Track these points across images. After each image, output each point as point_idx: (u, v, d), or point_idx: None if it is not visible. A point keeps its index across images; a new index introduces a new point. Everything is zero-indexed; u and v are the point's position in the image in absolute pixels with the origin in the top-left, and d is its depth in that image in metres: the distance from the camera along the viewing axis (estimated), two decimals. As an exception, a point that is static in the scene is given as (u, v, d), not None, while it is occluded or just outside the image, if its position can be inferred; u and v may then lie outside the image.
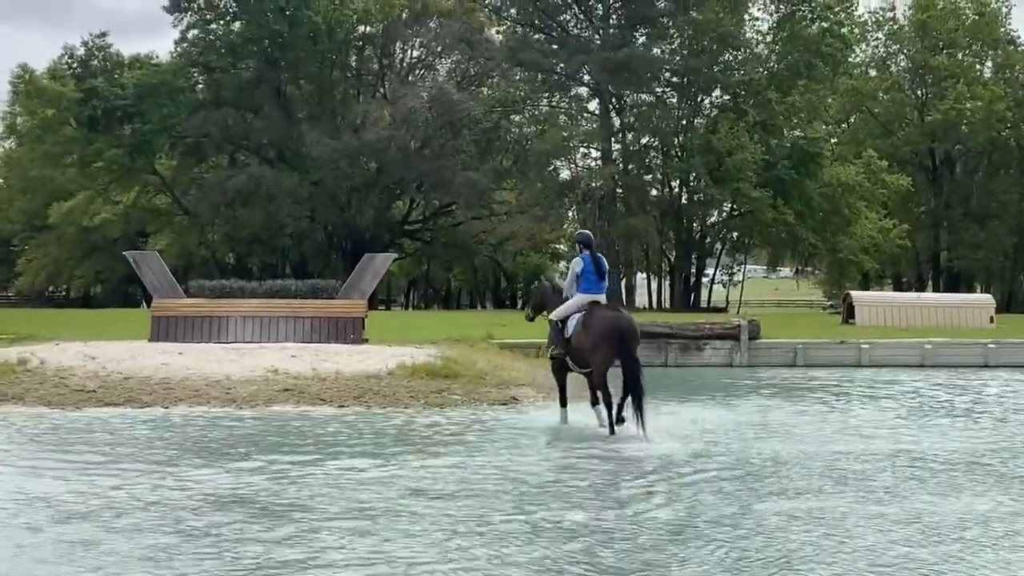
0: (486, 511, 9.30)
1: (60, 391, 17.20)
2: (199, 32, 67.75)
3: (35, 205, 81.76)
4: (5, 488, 10.29)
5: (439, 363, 18.84)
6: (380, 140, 62.49)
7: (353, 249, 61.25)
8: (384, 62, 72.37)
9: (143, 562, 7.58)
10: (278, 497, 9.91)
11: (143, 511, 9.29)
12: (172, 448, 12.82)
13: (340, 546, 8.08)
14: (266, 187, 63.26)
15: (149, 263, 25.13)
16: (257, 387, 17.13)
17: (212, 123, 65.28)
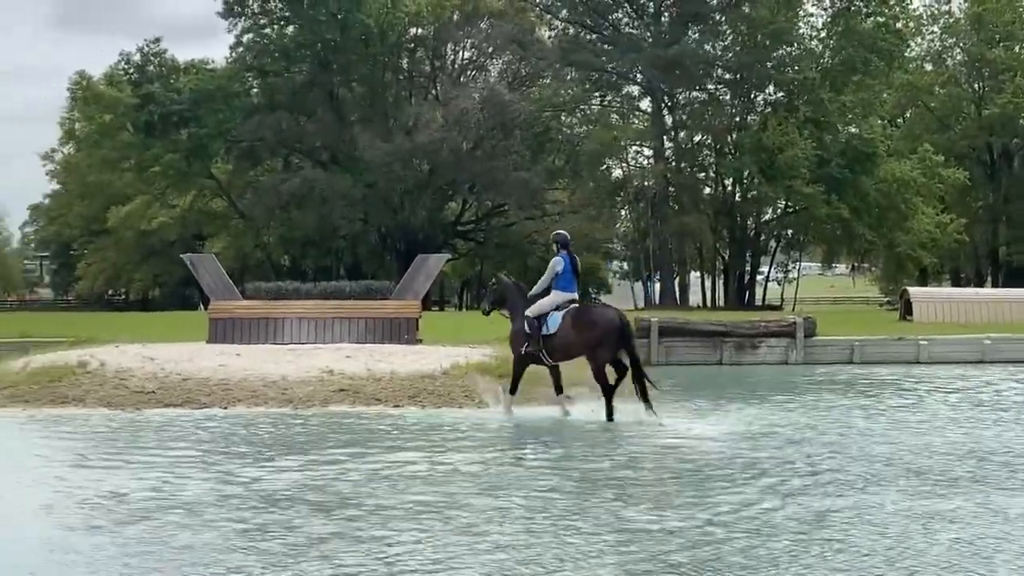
0: (566, 507, 9.31)
1: (120, 393, 17.42)
2: (253, 37, 68.32)
3: (94, 210, 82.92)
4: (77, 486, 10.46)
5: (493, 363, 18.87)
6: (432, 142, 62.67)
7: (406, 250, 61.49)
8: (436, 64, 72.59)
9: (212, 554, 7.70)
10: (336, 492, 10.02)
11: (213, 507, 9.43)
12: (233, 447, 12.98)
13: (416, 540, 8.16)
14: (320, 190, 63.67)
15: (206, 266, 25.39)
16: (313, 388, 17.28)
17: (266, 127, 65.81)
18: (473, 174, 65.79)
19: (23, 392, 17.68)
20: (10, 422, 15.77)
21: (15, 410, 16.79)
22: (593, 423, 15.10)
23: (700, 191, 67.27)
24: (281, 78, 67.81)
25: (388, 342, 22.66)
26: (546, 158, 69.27)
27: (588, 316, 15.75)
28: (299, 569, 7.39)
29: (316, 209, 64.02)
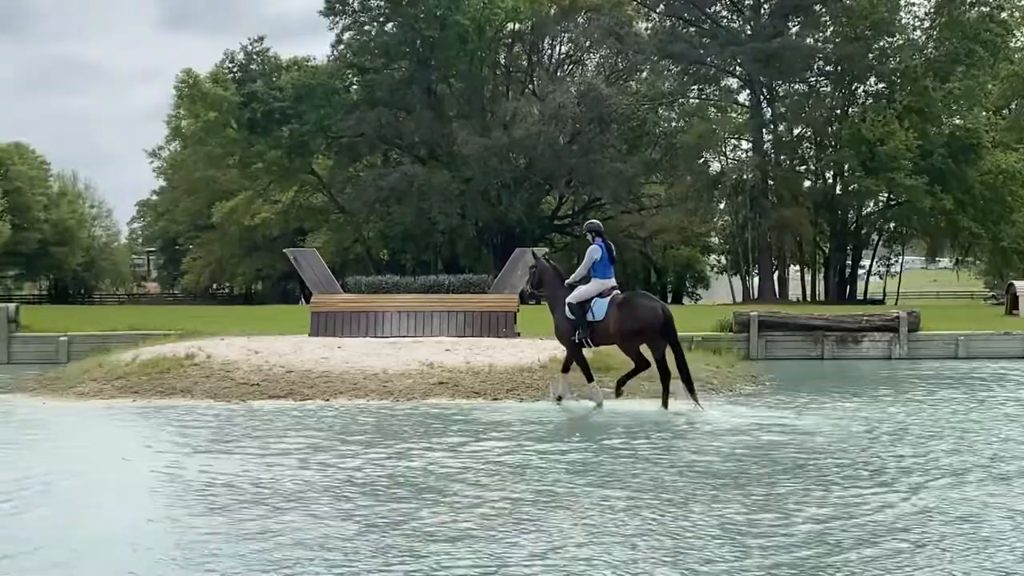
0: (673, 499, 9.34)
1: (226, 384, 17.76)
2: (354, 34, 69.15)
3: (199, 205, 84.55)
4: (189, 473, 10.73)
5: (592, 356, 18.90)
6: (529, 136, 62.82)
7: (503, 244, 61.73)
8: (533, 59, 72.74)
9: (331, 542, 7.87)
10: (441, 482, 10.12)
11: (322, 495, 9.59)
12: (336, 438, 13.16)
13: (528, 531, 8.22)
14: (418, 185, 64.20)
15: (308, 260, 25.81)
16: (413, 380, 17.49)
17: (366, 123, 66.53)
18: (570, 168, 65.82)
19: (133, 383, 18.13)
20: (121, 412, 16.22)
21: (126, 400, 17.25)
22: (686, 415, 15.10)
23: (800, 184, 66.57)
24: (381, 75, 68.47)
25: (486, 335, 22.85)
26: (643, 151, 69.03)
27: (631, 305, 16.05)
28: (432, 561, 7.48)
29: (414, 204, 64.56)
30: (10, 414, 16.05)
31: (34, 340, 28.81)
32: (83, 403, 17.24)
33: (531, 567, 7.18)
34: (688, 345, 26.07)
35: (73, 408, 16.78)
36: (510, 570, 7.12)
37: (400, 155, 72.14)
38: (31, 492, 9.80)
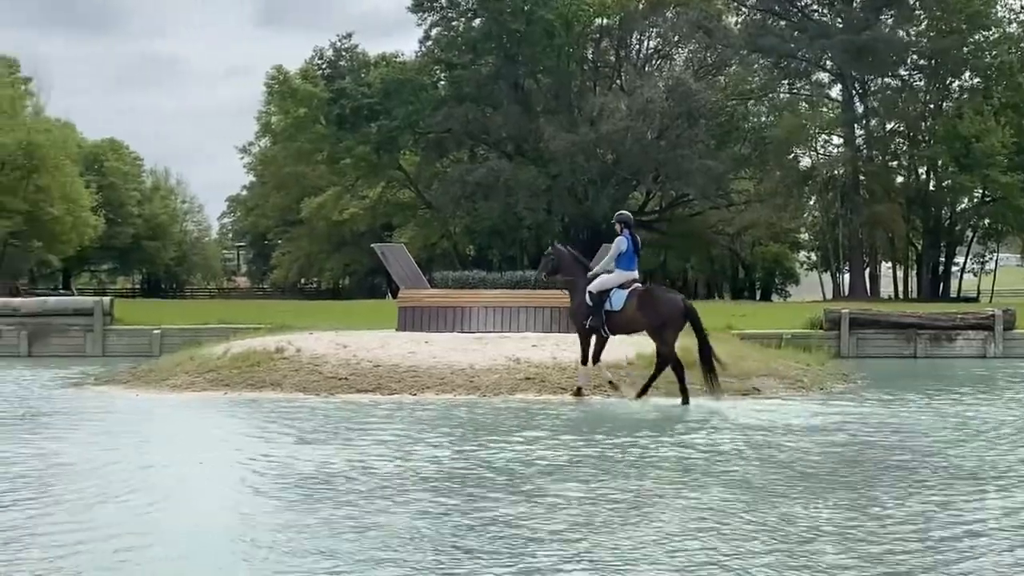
0: (763, 498, 9.20)
1: (314, 378, 17.91)
2: (442, 30, 69.46)
3: (288, 201, 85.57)
4: (287, 464, 10.82)
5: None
6: (617, 131, 62.61)
7: (590, 240, 61.57)
8: (621, 53, 72.46)
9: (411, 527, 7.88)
10: (530, 475, 10.11)
11: (409, 488, 9.60)
12: (425, 431, 13.19)
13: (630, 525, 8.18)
14: (505, 180, 64.30)
15: (396, 255, 25.92)
16: (500, 376, 17.48)
17: (454, 119, 66.81)
18: (657, 163, 65.48)
19: (224, 376, 18.36)
20: (213, 404, 16.45)
21: (217, 393, 17.48)
22: (766, 411, 14.92)
23: (892, 180, 65.59)
24: (468, 70, 68.68)
25: (573, 331, 22.74)
26: (732, 147, 68.50)
27: (653, 299, 16.51)
28: (528, 558, 7.44)
29: (501, 199, 64.69)
30: (106, 406, 16.33)
31: (127, 333, 29.38)
32: (176, 395, 17.53)
33: (640, 566, 7.07)
34: (778, 343, 25.90)
35: (167, 400, 17.05)
36: (613, 568, 7.01)
37: (487, 151, 72.30)
38: (134, 483, 9.93)
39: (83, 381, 20.31)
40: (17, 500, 9.08)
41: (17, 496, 9.24)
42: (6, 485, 9.74)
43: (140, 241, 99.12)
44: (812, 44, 62.87)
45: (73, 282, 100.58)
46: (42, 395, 18.14)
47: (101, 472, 10.46)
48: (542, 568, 7.00)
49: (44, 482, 9.92)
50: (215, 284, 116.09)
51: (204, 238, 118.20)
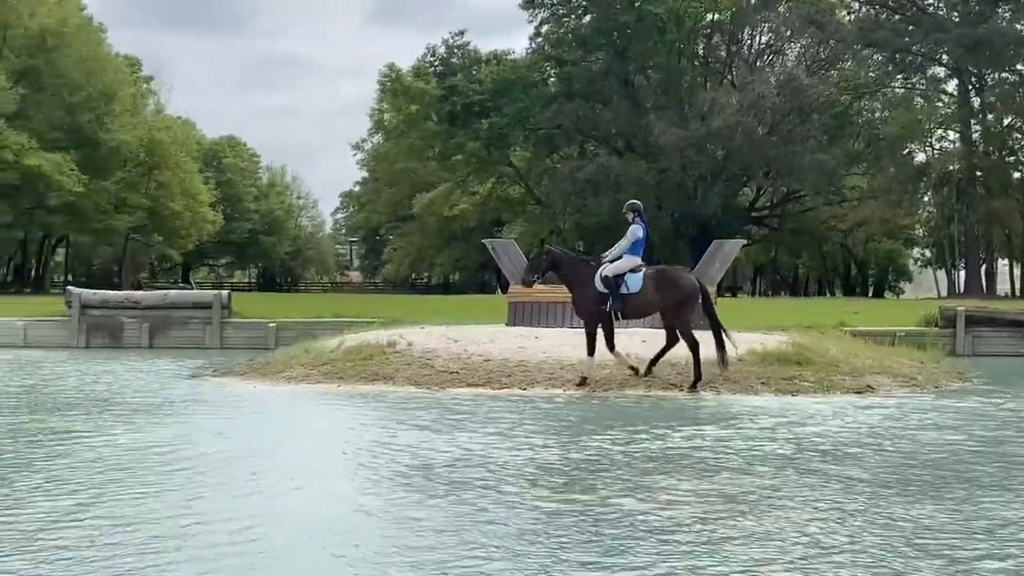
0: (879, 496, 9.11)
1: (426, 372, 18.11)
2: (552, 26, 69.63)
3: (400, 197, 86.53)
4: (397, 455, 10.97)
5: (790, 349, 18.67)
6: (727, 127, 62.18)
7: (699, 236, 61.28)
8: (732, 49, 71.94)
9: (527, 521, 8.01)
10: (646, 468, 10.14)
11: (524, 481, 9.65)
12: (535, 425, 13.31)
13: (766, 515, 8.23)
14: (614, 176, 64.27)
15: (506, 250, 26.10)
16: (609, 371, 17.54)
17: (564, 115, 66.94)
18: (768, 159, 64.87)
19: (338, 369, 18.69)
20: (328, 396, 16.78)
21: (331, 385, 17.80)
22: (879, 408, 14.77)
23: (1009, 175, 64.09)
24: (578, 66, 68.79)
25: (684, 328, 22.70)
26: (844, 142, 67.55)
27: (671, 279, 17.38)
28: (644, 554, 7.56)
29: (610, 195, 64.60)
30: (226, 397, 16.77)
31: (244, 326, 30.07)
32: (291, 387, 17.89)
33: (774, 566, 7.04)
34: (891, 340, 25.54)
35: (283, 392, 17.43)
36: (742, 566, 7.00)
37: (596, 147, 72.34)
38: (255, 473, 10.20)
39: (202, 373, 20.84)
40: (144, 484, 9.42)
41: (143, 481, 9.59)
42: (135, 470, 10.11)
43: (256, 236, 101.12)
44: (927, 38, 61.66)
45: (192, 276, 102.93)
46: (164, 386, 18.67)
47: (222, 460, 10.79)
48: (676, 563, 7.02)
49: (167, 469, 10.24)
50: (328, 278, 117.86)
51: (318, 233, 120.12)
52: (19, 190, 66.13)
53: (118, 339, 29.38)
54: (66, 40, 71.30)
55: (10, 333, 29.35)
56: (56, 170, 65.29)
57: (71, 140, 70.83)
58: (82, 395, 16.98)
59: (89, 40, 74.04)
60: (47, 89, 71.43)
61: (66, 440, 11.94)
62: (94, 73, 72.41)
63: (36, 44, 71.14)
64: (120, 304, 30.31)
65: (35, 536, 7.45)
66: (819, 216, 71.66)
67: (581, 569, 6.78)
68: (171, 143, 77.72)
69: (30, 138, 65.87)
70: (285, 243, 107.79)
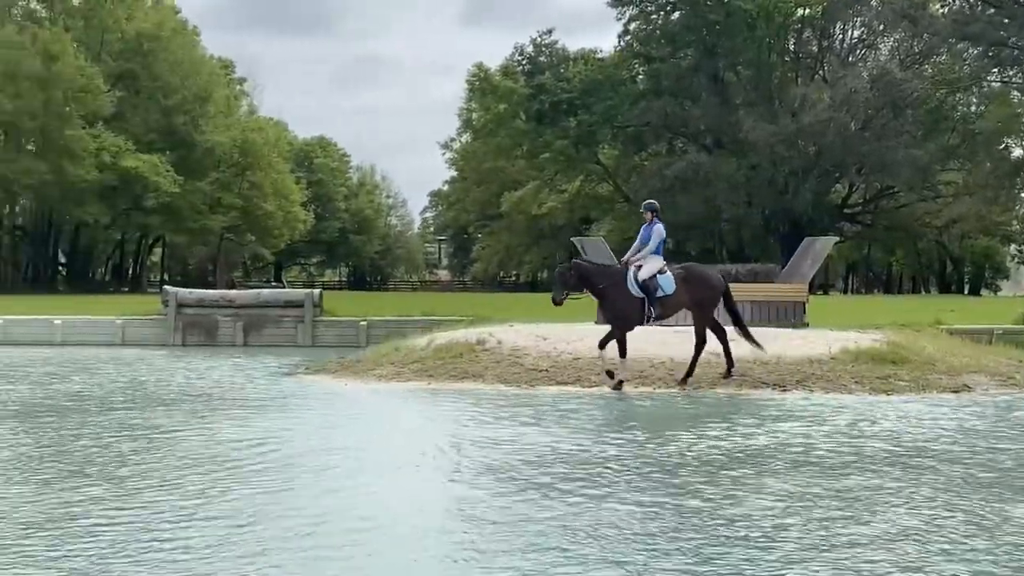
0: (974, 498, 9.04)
1: (515, 370, 18.09)
2: (640, 24, 69.44)
3: (488, 195, 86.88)
4: (491, 452, 11.04)
5: (884, 348, 18.38)
6: (819, 123, 61.54)
7: (790, 233, 60.66)
8: (823, 44, 71.12)
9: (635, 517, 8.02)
10: (741, 470, 10.11)
11: (619, 478, 9.67)
12: (627, 422, 13.29)
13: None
14: (704, 173, 63.92)
15: (594, 248, 26.04)
16: (700, 370, 17.38)
17: (652, 112, 66.76)
18: (861, 155, 64.04)
19: (428, 367, 18.76)
20: (419, 394, 16.89)
21: (421, 383, 17.87)
22: (975, 407, 14.49)
23: (1115, 170, 62.54)
24: (667, 63, 68.56)
25: (774, 325, 22.51)
26: (939, 138, 66.38)
27: (699, 275, 17.46)
28: (737, 558, 7.53)
29: (700, 192, 64.31)
30: (319, 395, 16.95)
31: (336, 324, 30.36)
32: (382, 385, 17.99)
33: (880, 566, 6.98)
34: (988, 338, 25.03)
35: (375, 390, 17.56)
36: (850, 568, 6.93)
37: (685, 144, 71.96)
38: (353, 471, 10.33)
39: (295, 371, 21.08)
40: (249, 485, 9.60)
41: (248, 480, 9.77)
42: (238, 468, 10.29)
43: (346, 235, 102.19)
44: (1022, 31, 60.39)
45: (284, 275, 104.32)
46: (260, 384, 18.93)
47: (321, 457, 10.92)
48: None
49: (268, 467, 10.40)
50: (417, 277, 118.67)
51: (407, 232, 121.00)
52: (117, 191, 67.60)
53: (213, 337, 29.83)
54: (162, 43, 72.72)
55: (109, 331, 29.95)
56: (153, 171, 66.62)
57: (166, 142, 72.25)
58: (182, 392, 17.28)
59: (184, 43, 75.43)
60: (143, 92, 72.92)
61: (171, 437, 12.22)
62: (189, 76, 73.76)
63: (133, 48, 72.66)
64: (215, 303, 30.76)
65: (150, 531, 7.63)
66: (913, 212, 70.54)
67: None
68: (263, 144, 78.89)
69: (127, 140, 67.32)
70: (374, 242, 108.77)
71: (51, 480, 9.56)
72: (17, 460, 10.65)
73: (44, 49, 63.74)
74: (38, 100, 63.40)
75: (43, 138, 65.68)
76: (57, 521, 7.94)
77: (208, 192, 74.21)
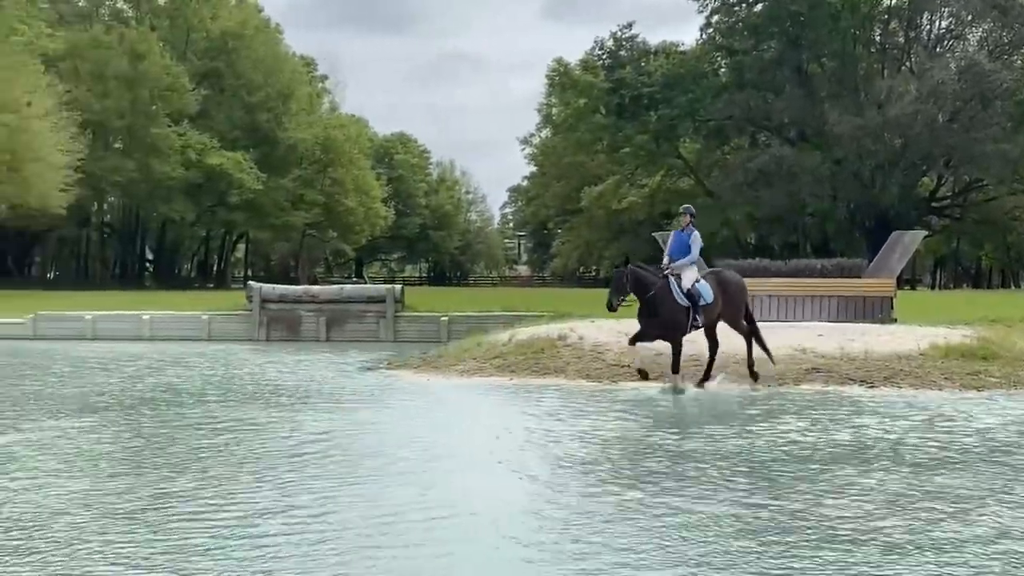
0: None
1: (597, 365, 18.03)
2: (722, 16, 68.88)
3: (568, 190, 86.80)
4: (580, 453, 10.92)
5: (975, 343, 18.00)
6: (905, 115, 60.52)
7: (876, 227, 59.82)
8: (910, 35, 69.91)
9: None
10: (817, 457, 9.98)
11: (707, 474, 9.60)
12: (709, 418, 13.18)
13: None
14: (787, 167, 63.22)
15: (677, 244, 25.83)
16: (785, 365, 17.19)
17: (735, 105, 66.18)
18: (949, 147, 62.87)
19: (510, 363, 18.75)
20: (502, 389, 16.86)
21: (503, 378, 17.87)
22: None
23: None
24: (749, 56, 67.88)
25: (861, 321, 22.19)
26: (1031, 129, 64.97)
27: (729, 280, 17.10)
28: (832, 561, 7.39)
29: (784, 186, 63.63)
30: (402, 390, 16.99)
31: (417, 320, 30.47)
32: (464, 380, 18.01)
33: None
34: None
35: (457, 384, 17.57)
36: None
37: (768, 137, 71.23)
38: (434, 463, 10.40)
39: (377, 366, 21.18)
40: (335, 477, 9.65)
41: (334, 473, 9.82)
42: (325, 462, 10.36)
43: (426, 231, 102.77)
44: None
45: (365, 271, 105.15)
46: (344, 379, 19.03)
47: (408, 450, 10.96)
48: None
49: (355, 460, 10.47)
50: (497, 273, 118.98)
51: (487, 228, 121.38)
52: (202, 188, 68.61)
53: (296, 332, 30.10)
54: (245, 42, 73.63)
55: (195, 327, 30.36)
56: (237, 168, 67.52)
57: (250, 139, 73.18)
58: (275, 387, 17.50)
59: (267, 41, 76.32)
60: (227, 90, 73.91)
61: (263, 429, 12.45)
62: (272, 73, 74.61)
63: (217, 47, 73.67)
64: (298, 298, 31.03)
65: (249, 524, 7.74)
66: (1003, 206, 69.21)
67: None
68: (345, 141, 79.57)
69: (212, 138, 68.27)
70: (454, 238, 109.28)
71: (147, 471, 9.76)
72: (120, 452, 10.88)
73: (131, 49, 64.87)
74: (125, 99, 64.53)
75: (130, 136, 66.85)
76: (155, 510, 8.12)
77: (290, 189, 75.02)
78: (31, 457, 10.58)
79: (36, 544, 7.20)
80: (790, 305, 23.35)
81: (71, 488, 8.96)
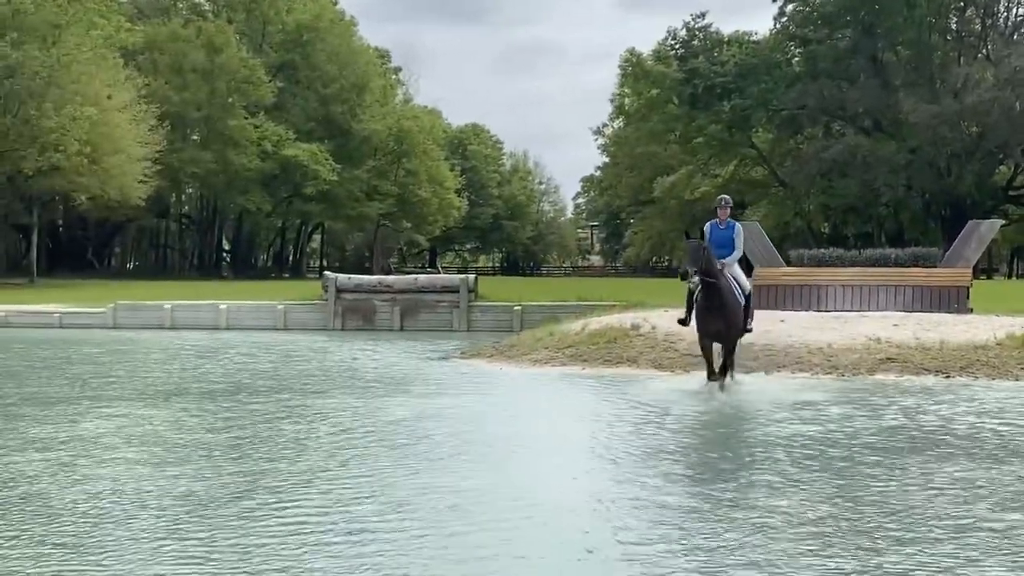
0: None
1: (670, 355, 18.09)
2: (797, 6, 68.36)
3: (640, 180, 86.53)
4: (652, 444, 11.08)
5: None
6: (982, 103, 59.71)
7: (952, 216, 59.11)
8: (987, 22, 68.89)
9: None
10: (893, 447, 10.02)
11: (778, 471, 9.65)
12: (781, 408, 13.18)
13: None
14: (862, 156, 62.66)
15: (750, 233, 25.77)
16: (859, 355, 17.16)
17: (808, 95, 65.69)
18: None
19: (582, 352, 18.87)
20: (574, 379, 16.98)
21: (576, 368, 17.99)
22: None
23: None
24: (823, 45, 67.36)
25: (936, 311, 22.06)
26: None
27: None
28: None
29: (858, 176, 63.07)
30: (476, 378, 17.19)
31: (490, 310, 30.67)
32: (538, 369, 18.15)
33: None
34: None
35: (530, 373, 17.72)
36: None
37: (842, 126, 70.59)
38: (511, 451, 10.57)
39: (452, 355, 21.39)
40: (412, 470, 9.88)
41: (410, 465, 10.06)
42: (403, 450, 10.61)
43: (499, 221, 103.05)
44: None
45: (439, 261, 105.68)
46: (420, 368, 19.23)
47: (483, 441, 11.16)
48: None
49: (433, 450, 10.66)
50: (570, 262, 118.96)
51: (559, 218, 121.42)
52: (278, 179, 69.49)
53: (371, 322, 30.42)
54: (320, 34, 74.36)
55: (271, 316, 30.81)
56: (312, 160, 68.24)
57: (325, 131, 73.92)
58: (349, 373, 17.85)
59: (342, 34, 76.98)
60: (302, 82, 74.71)
61: (343, 417, 12.63)
62: (346, 65, 75.27)
63: (293, 39, 74.47)
64: (373, 288, 31.34)
65: (337, 509, 7.91)
66: (1083, 196, 68.05)
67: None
68: (418, 132, 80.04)
69: (287, 129, 69.06)
70: (527, 228, 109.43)
71: (244, 458, 9.97)
72: (223, 444, 10.96)
73: (208, 42, 65.81)
74: (203, 91, 65.50)
75: (207, 128, 67.82)
76: (249, 497, 8.29)
77: (365, 180, 75.66)
78: (134, 438, 10.91)
79: (136, 532, 7.44)
80: (864, 295, 23.27)
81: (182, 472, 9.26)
